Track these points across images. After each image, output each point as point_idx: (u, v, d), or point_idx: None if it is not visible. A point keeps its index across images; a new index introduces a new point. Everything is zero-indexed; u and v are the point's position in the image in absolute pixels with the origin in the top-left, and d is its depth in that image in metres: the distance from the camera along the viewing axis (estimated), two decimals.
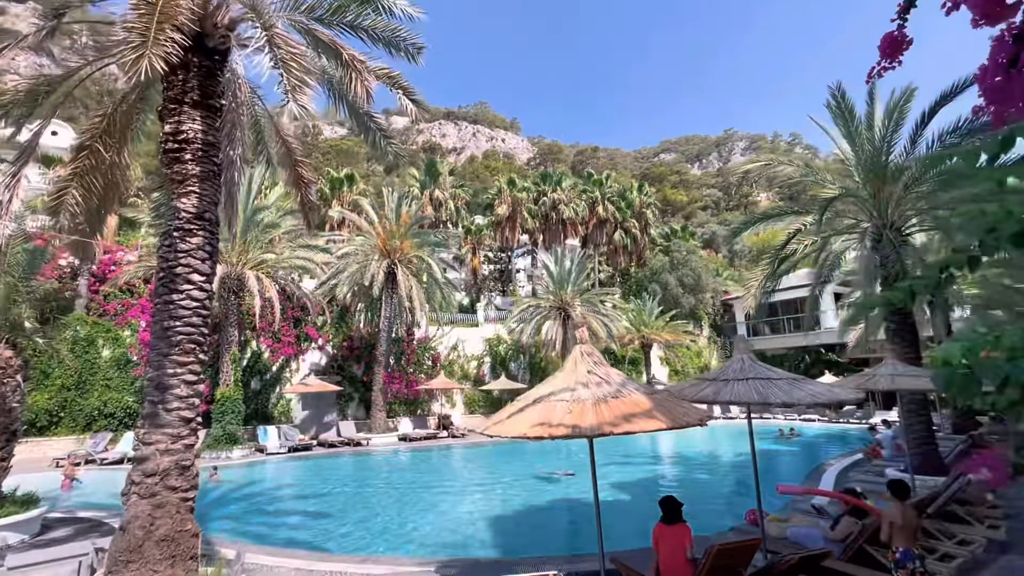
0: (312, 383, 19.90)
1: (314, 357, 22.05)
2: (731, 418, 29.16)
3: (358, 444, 19.08)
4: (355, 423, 21.06)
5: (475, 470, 15.56)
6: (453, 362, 26.27)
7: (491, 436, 4.91)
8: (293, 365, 21.42)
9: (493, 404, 26.42)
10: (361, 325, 22.37)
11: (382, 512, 10.35)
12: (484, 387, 25.57)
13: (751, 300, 12.13)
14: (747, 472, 14.09)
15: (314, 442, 18.94)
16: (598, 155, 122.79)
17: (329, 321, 21.97)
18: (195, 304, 5.63)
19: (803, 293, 34.36)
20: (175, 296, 5.55)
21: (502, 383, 24.45)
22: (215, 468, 13.43)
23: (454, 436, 21.44)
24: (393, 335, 21.93)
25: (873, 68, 2.22)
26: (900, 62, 2.15)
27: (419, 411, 24.14)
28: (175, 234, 5.64)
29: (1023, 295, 3.28)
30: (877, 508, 5.82)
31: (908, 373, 8.58)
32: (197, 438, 5.68)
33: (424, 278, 20.99)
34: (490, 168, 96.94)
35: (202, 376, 5.74)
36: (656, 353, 32.23)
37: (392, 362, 22.33)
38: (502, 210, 33.65)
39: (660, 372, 31.89)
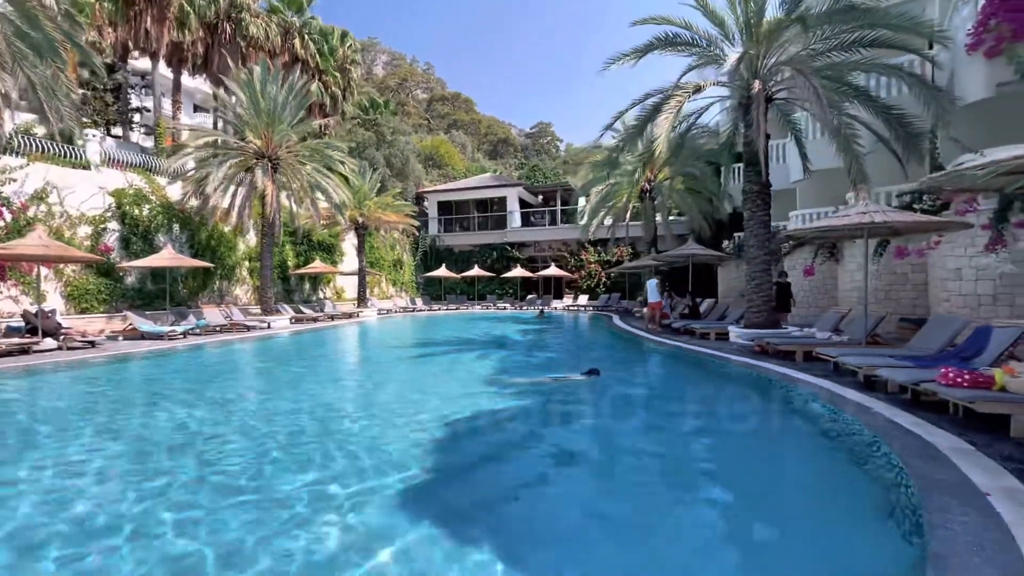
0: None
1: None
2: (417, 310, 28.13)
3: None
4: None
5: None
6: (39, 221, 14.25)
7: None
8: None
9: (127, 296, 16.08)
10: None
11: None
12: (133, 264, 14.99)
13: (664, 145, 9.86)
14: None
15: None
16: None
17: None
18: None
19: (493, 194, 35.99)
20: None
21: (167, 257, 14.74)
22: None
23: (71, 348, 11.51)
24: None
25: None
26: None
27: None
28: None
29: None
30: None
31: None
32: None
33: None
34: None
35: None
36: (352, 241, 27.14)
37: None
38: None
39: (354, 261, 26.86)
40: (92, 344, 11.90)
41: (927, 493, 3.08)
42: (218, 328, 15.59)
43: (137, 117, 29.00)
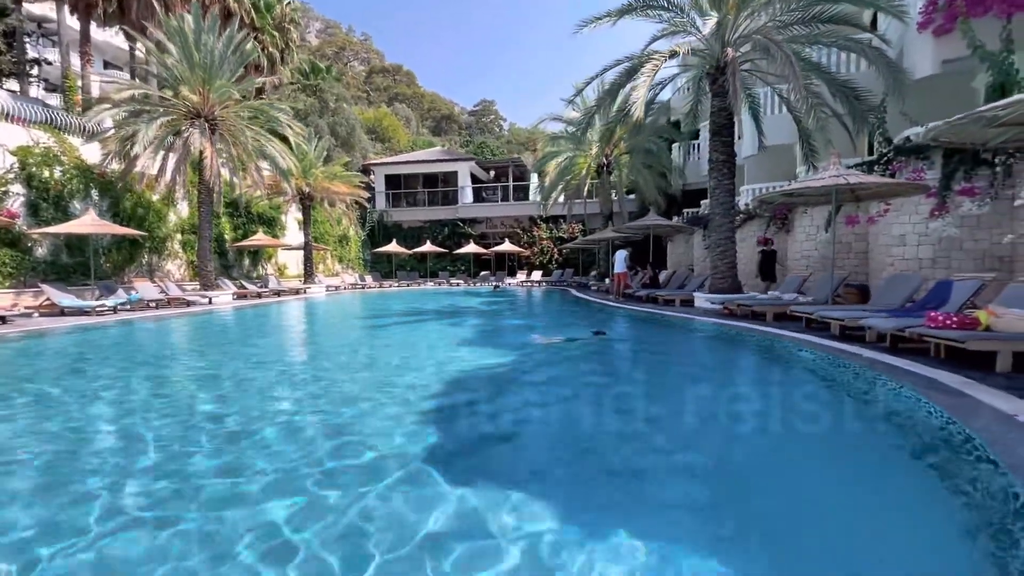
0: None
1: None
2: (364, 286, 27.31)
3: None
4: None
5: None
6: None
7: None
8: None
9: (37, 270, 14.21)
10: None
11: None
12: (49, 230, 13.16)
13: (638, 108, 9.74)
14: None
15: None
16: None
17: None
18: None
19: (443, 168, 35.02)
20: None
21: (89, 223, 13.11)
22: None
23: None
24: None
25: None
26: None
27: None
28: None
29: None
30: None
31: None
32: None
33: None
34: None
35: None
36: (295, 215, 25.61)
37: None
38: None
39: (296, 236, 25.39)
40: (2, 320, 10.45)
41: (963, 418, 3.22)
42: (153, 304, 14.20)
43: (35, 70, 25.50)
